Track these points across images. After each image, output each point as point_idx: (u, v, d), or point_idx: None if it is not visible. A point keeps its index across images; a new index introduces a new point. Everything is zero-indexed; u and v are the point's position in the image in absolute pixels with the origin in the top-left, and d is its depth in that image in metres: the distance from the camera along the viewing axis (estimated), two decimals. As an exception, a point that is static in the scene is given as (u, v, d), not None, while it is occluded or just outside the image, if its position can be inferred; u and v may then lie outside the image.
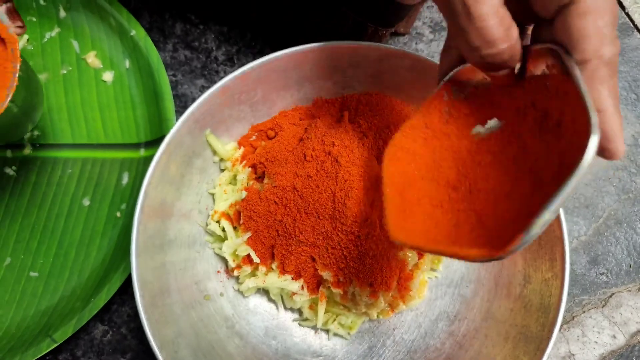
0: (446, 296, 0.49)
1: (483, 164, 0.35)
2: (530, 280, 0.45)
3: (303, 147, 0.45)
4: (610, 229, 0.54)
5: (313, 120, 0.48)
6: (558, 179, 0.30)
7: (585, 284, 0.52)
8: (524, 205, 0.32)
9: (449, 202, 0.36)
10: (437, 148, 0.37)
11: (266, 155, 0.47)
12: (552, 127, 0.31)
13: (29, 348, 0.45)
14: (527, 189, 0.33)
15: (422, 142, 0.37)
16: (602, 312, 0.51)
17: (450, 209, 0.35)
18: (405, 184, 0.37)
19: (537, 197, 0.31)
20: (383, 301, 0.45)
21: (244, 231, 0.45)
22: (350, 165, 0.43)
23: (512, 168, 0.34)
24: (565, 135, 0.29)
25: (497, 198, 0.33)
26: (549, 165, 0.31)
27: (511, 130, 0.34)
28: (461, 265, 0.50)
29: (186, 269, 0.47)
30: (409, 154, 0.38)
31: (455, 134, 0.37)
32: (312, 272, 0.45)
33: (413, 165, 0.37)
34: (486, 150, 0.35)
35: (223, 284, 0.49)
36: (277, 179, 0.45)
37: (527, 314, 0.44)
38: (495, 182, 0.34)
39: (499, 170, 0.34)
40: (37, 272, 0.50)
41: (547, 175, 0.32)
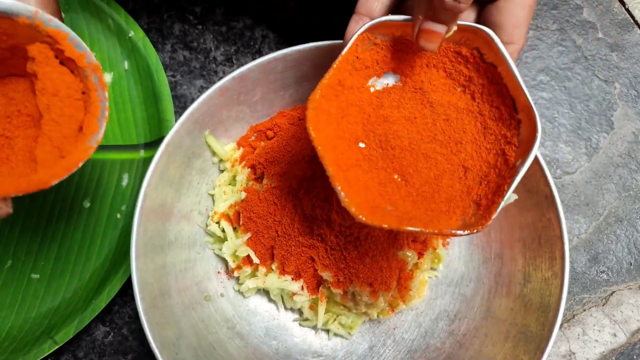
0: (446, 295, 0.49)
1: (391, 120, 0.37)
2: (530, 279, 0.45)
3: (302, 148, 0.45)
4: (610, 227, 0.54)
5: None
6: (481, 137, 0.35)
7: (585, 282, 0.52)
8: (444, 165, 0.36)
9: (365, 160, 0.37)
10: (344, 103, 0.37)
11: (265, 155, 0.47)
12: (474, 94, 0.37)
13: (31, 350, 0.45)
14: (445, 150, 0.37)
15: (334, 99, 0.37)
16: (602, 310, 0.51)
17: (369, 168, 0.36)
18: (334, 149, 0.36)
19: (457, 159, 0.36)
20: (383, 301, 0.45)
21: (243, 232, 0.46)
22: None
23: (426, 127, 0.37)
24: (490, 104, 0.36)
25: (417, 158, 0.36)
26: (470, 127, 0.37)
27: (413, 86, 0.38)
28: (461, 264, 0.50)
29: (186, 270, 0.47)
30: (325, 114, 0.37)
31: (357, 86, 0.38)
32: (312, 272, 0.45)
33: (331, 127, 0.37)
34: (389, 105, 0.38)
35: (223, 285, 0.49)
36: (276, 180, 0.45)
37: (527, 313, 0.44)
38: (410, 141, 0.37)
39: (411, 128, 0.37)
40: (39, 274, 0.50)
41: (467, 136, 0.35)
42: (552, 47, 0.59)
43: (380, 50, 0.37)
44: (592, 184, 0.55)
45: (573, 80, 0.58)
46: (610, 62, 0.58)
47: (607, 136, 0.56)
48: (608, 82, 0.58)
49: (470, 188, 0.35)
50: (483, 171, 0.36)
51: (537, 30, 0.59)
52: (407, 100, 0.38)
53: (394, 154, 0.37)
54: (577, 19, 0.60)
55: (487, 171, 0.35)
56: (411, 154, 0.37)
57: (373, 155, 0.37)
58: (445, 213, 0.35)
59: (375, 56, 0.37)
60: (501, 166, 0.35)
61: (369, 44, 0.36)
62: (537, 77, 0.57)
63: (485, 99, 0.36)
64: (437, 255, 0.48)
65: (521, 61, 0.58)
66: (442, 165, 0.36)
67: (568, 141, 0.56)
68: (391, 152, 0.37)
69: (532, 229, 0.45)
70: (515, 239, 0.47)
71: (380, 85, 0.38)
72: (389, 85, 0.38)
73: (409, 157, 0.37)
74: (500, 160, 0.35)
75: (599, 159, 0.55)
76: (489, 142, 0.36)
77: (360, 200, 0.34)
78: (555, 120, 0.56)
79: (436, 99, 0.37)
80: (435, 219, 0.34)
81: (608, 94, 0.57)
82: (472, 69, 0.36)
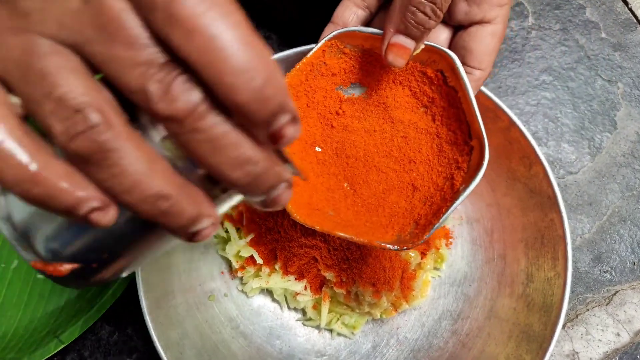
0: (449, 295, 0.49)
1: (350, 130, 0.38)
2: (533, 279, 0.45)
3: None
4: (614, 227, 0.54)
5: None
6: (434, 159, 0.36)
7: (589, 282, 0.52)
8: (394, 181, 0.37)
9: (318, 164, 0.37)
10: (305, 105, 0.38)
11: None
12: (435, 116, 0.37)
13: (37, 349, 0.46)
14: (398, 167, 0.37)
15: (296, 99, 0.38)
16: (606, 310, 0.51)
17: (321, 172, 0.37)
18: (289, 147, 0.37)
19: (408, 177, 0.36)
20: (386, 301, 0.45)
21: (246, 233, 0.46)
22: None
23: (384, 141, 0.38)
24: (448, 127, 0.37)
25: (369, 170, 0.37)
26: (426, 148, 0.37)
27: (378, 100, 0.38)
28: (464, 264, 0.50)
29: (190, 271, 0.47)
30: None
31: (322, 91, 0.38)
32: (315, 272, 0.45)
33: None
34: (351, 115, 0.38)
35: (227, 285, 0.49)
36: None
37: (530, 312, 0.44)
38: (366, 152, 0.38)
39: (368, 140, 0.38)
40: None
41: (422, 156, 0.36)
42: (555, 47, 0.59)
43: (349, 60, 0.38)
44: (595, 183, 0.55)
45: (576, 80, 0.58)
46: (614, 62, 0.58)
47: (610, 136, 0.56)
48: (611, 82, 0.58)
49: (414, 207, 0.36)
50: (430, 192, 0.36)
51: (540, 30, 0.59)
52: (369, 113, 0.38)
53: (348, 163, 0.38)
54: (580, 19, 0.60)
55: (433, 193, 0.36)
56: (364, 165, 0.37)
57: (327, 160, 0.38)
58: (384, 227, 0.35)
59: (343, 65, 0.38)
60: (447, 190, 0.35)
61: (337, 52, 0.37)
62: (540, 77, 0.58)
63: (444, 122, 0.37)
64: (440, 255, 0.49)
65: (524, 61, 0.58)
66: (392, 181, 0.37)
67: (571, 141, 0.56)
68: (345, 160, 0.38)
69: (535, 229, 0.45)
70: (518, 239, 0.47)
71: (346, 94, 0.39)
72: (354, 96, 0.39)
73: (361, 168, 0.37)
74: (448, 184, 0.36)
75: (602, 158, 0.55)
76: (441, 165, 0.37)
77: (302, 200, 0.35)
78: (558, 120, 0.56)
79: (398, 115, 0.38)
80: (371, 231, 0.35)
81: (611, 94, 0.57)
82: (436, 90, 0.37)
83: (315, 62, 0.37)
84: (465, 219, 0.51)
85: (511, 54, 0.58)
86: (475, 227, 0.50)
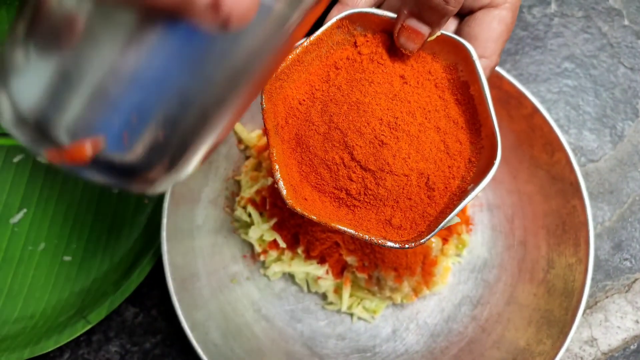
0: (469, 281, 0.50)
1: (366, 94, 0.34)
2: (554, 265, 0.45)
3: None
4: (634, 215, 0.54)
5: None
6: (441, 152, 0.34)
7: (608, 269, 0.52)
8: (413, 186, 0.34)
9: (321, 139, 0.34)
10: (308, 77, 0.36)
11: (291, 142, 0.47)
12: (446, 109, 0.34)
13: (64, 329, 0.47)
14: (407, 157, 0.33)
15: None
16: (625, 297, 0.52)
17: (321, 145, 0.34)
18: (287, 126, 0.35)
19: (417, 169, 0.33)
20: (407, 286, 0.46)
21: (269, 217, 0.46)
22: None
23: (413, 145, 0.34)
24: (457, 121, 0.34)
25: (385, 175, 0.34)
26: (433, 139, 0.34)
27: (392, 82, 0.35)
28: (484, 251, 0.50)
29: (214, 254, 0.48)
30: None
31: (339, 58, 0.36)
32: (336, 257, 0.46)
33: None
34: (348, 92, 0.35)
35: (249, 269, 0.50)
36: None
37: (550, 298, 0.44)
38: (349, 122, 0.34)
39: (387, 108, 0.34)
40: (71, 257, 0.51)
41: (432, 149, 0.34)
42: (577, 35, 0.58)
43: (355, 42, 0.36)
44: (617, 172, 0.55)
45: (598, 67, 0.57)
46: (637, 49, 0.58)
47: (632, 124, 0.56)
48: (634, 70, 0.57)
49: (420, 203, 0.34)
50: (438, 189, 0.34)
51: (562, 18, 0.59)
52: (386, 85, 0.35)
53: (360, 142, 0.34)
54: (603, 6, 0.59)
55: (442, 190, 0.34)
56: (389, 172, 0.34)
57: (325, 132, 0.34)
58: (387, 222, 0.34)
59: (349, 46, 0.36)
60: (454, 188, 0.34)
61: (346, 34, 0.35)
62: (562, 65, 0.57)
63: (455, 118, 0.35)
64: (462, 240, 0.49)
65: (546, 48, 0.58)
66: (409, 187, 0.34)
67: (593, 129, 0.55)
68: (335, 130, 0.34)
69: (557, 215, 0.45)
70: (540, 226, 0.47)
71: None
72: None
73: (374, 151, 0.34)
74: (456, 182, 0.34)
75: (624, 147, 0.55)
76: (451, 161, 0.34)
77: (300, 185, 0.34)
78: (580, 108, 0.56)
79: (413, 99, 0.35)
80: (373, 225, 0.33)
81: (634, 82, 0.57)
82: (447, 85, 0.35)
83: (325, 39, 0.35)
84: (485, 206, 0.51)
85: (533, 41, 0.58)
86: (495, 213, 0.50)
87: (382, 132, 0.33)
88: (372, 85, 0.33)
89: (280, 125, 0.34)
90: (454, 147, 0.34)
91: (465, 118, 0.34)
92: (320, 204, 0.34)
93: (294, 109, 0.35)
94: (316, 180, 0.34)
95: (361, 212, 0.33)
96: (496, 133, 0.33)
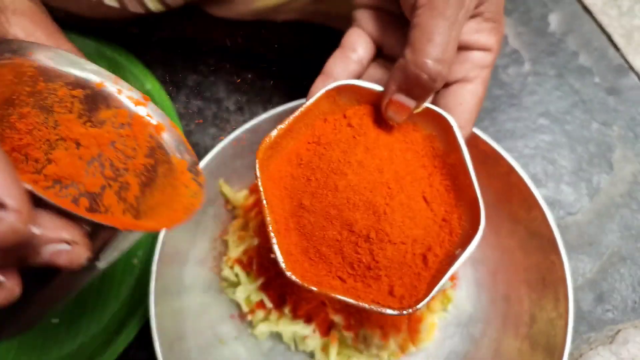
0: (455, 336, 0.50)
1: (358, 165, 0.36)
2: (536, 319, 0.46)
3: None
4: (614, 266, 0.55)
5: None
6: (428, 218, 0.35)
7: (591, 321, 0.53)
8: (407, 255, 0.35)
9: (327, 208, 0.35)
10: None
11: (277, 202, 0.49)
12: (430, 177, 0.36)
13: (50, 394, 0.46)
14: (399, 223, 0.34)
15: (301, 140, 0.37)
16: (609, 348, 0.52)
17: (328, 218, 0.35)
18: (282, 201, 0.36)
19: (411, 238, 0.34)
20: (393, 343, 0.46)
21: (256, 277, 0.47)
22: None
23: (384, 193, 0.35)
24: (438, 189, 0.36)
25: (385, 245, 0.34)
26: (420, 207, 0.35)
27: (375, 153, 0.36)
28: (469, 305, 0.51)
29: (202, 314, 0.48)
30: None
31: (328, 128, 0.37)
32: (323, 316, 0.46)
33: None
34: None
35: (237, 328, 0.50)
36: (288, 226, 0.47)
37: (534, 353, 0.45)
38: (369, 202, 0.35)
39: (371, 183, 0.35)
40: (58, 319, 0.51)
41: (419, 215, 0.35)
42: (551, 92, 0.61)
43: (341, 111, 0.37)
44: (595, 224, 0.56)
45: (572, 123, 0.60)
46: (608, 105, 0.60)
47: (607, 177, 0.58)
48: (606, 125, 0.60)
49: (415, 269, 0.35)
50: (430, 255, 0.35)
51: (536, 76, 0.61)
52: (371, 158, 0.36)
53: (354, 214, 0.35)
54: (574, 65, 0.62)
55: (433, 256, 0.35)
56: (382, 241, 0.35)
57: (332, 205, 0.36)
58: (385, 291, 0.34)
59: (336, 116, 0.37)
60: (442, 254, 0.35)
61: (331, 104, 0.36)
62: (537, 121, 0.60)
63: (437, 185, 0.36)
64: (447, 296, 0.50)
65: (522, 106, 0.60)
66: (406, 254, 0.35)
67: (570, 183, 0.57)
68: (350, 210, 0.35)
69: (537, 270, 0.46)
70: (521, 280, 0.48)
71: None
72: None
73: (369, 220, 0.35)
74: (443, 248, 0.35)
75: (601, 199, 0.57)
76: (438, 228, 0.35)
77: (299, 255, 0.34)
78: (557, 163, 0.58)
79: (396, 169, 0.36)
80: (372, 293, 0.34)
81: (607, 137, 0.59)
82: (428, 153, 0.37)
83: (313, 109, 0.36)
84: (469, 261, 0.52)
85: (509, 98, 0.61)
86: (479, 268, 0.51)
87: (378, 203, 0.34)
88: (362, 157, 0.35)
89: (275, 197, 0.35)
90: (440, 213, 0.35)
91: (447, 185, 0.36)
92: (319, 275, 0.34)
93: (287, 183, 0.36)
94: (315, 254, 0.34)
95: (361, 282, 0.34)
96: (479, 200, 0.34)
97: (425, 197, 0.35)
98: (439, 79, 0.32)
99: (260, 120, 0.47)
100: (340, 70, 0.37)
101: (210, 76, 0.60)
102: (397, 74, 0.34)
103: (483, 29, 0.37)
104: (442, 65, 0.32)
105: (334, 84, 0.36)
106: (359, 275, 0.34)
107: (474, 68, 0.38)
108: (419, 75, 0.32)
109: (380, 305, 0.33)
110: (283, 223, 0.35)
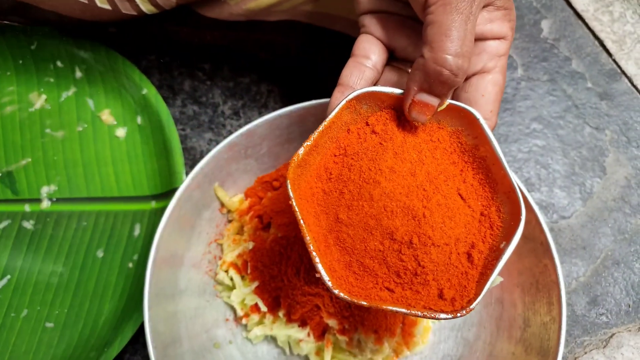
0: (449, 340, 0.50)
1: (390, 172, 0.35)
2: (530, 323, 0.46)
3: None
4: (608, 270, 0.55)
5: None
6: (467, 215, 0.35)
7: (585, 324, 0.53)
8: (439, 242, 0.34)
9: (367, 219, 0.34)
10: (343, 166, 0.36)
11: (272, 206, 0.49)
12: (462, 173, 0.36)
13: (44, 399, 0.46)
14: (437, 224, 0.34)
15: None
16: (603, 352, 0.52)
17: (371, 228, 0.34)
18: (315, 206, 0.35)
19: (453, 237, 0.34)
20: (388, 347, 0.47)
21: (251, 280, 0.47)
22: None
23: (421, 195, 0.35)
24: (472, 183, 0.36)
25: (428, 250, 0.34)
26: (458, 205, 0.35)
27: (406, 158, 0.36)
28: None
29: (196, 317, 0.48)
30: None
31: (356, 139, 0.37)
32: (317, 319, 0.47)
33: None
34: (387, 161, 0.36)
35: (232, 332, 0.50)
36: (282, 229, 0.47)
37: (528, 357, 0.45)
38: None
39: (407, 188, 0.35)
40: (53, 323, 0.51)
41: (458, 213, 0.35)
42: (543, 97, 0.61)
43: (364, 119, 0.37)
44: (588, 227, 0.57)
45: (565, 128, 0.60)
46: (600, 110, 0.61)
47: (600, 181, 0.58)
48: (599, 130, 0.60)
49: (462, 268, 0.34)
50: (475, 253, 0.34)
51: (529, 81, 0.62)
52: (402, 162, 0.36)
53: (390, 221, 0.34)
54: (567, 70, 0.63)
55: (477, 254, 0.34)
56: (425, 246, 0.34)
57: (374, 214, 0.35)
58: (434, 294, 0.34)
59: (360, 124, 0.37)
60: (486, 250, 0.34)
61: (353, 112, 0.36)
62: (530, 126, 0.60)
63: (471, 180, 0.36)
64: (439, 300, 0.50)
65: (515, 110, 0.61)
66: (452, 255, 0.34)
67: (563, 186, 0.58)
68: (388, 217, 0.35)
69: (530, 274, 0.47)
70: (515, 284, 0.48)
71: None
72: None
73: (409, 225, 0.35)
74: (486, 244, 0.35)
75: (594, 203, 0.57)
76: (478, 223, 0.35)
77: (343, 270, 0.34)
78: (550, 167, 0.58)
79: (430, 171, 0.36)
80: (422, 298, 0.34)
81: (599, 141, 0.60)
82: (457, 150, 0.36)
83: (336, 121, 0.36)
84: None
85: (503, 103, 0.61)
86: (472, 272, 0.52)
87: (415, 207, 0.33)
88: (392, 163, 0.34)
89: (310, 214, 0.35)
90: (477, 208, 0.35)
91: (480, 179, 0.36)
92: (366, 288, 0.34)
93: (320, 199, 0.35)
94: (359, 268, 0.34)
95: (409, 289, 0.33)
96: (515, 189, 0.34)
97: (461, 194, 0.35)
98: (460, 73, 0.32)
99: (256, 125, 0.47)
100: (357, 79, 0.37)
101: (206, 81, 0.61)
102: (417, 74, 0.33)
103: (495, 17, 0.37)
104: (462, 59, 0.32)
105: (353, 94, 0.36)
106: (406, 283, 0.33)
107: (491, 58, 0.37)
108: (441, 72, 0.32)
109: (432, 311, 0.32)
110: (322, 240, 0.34)
